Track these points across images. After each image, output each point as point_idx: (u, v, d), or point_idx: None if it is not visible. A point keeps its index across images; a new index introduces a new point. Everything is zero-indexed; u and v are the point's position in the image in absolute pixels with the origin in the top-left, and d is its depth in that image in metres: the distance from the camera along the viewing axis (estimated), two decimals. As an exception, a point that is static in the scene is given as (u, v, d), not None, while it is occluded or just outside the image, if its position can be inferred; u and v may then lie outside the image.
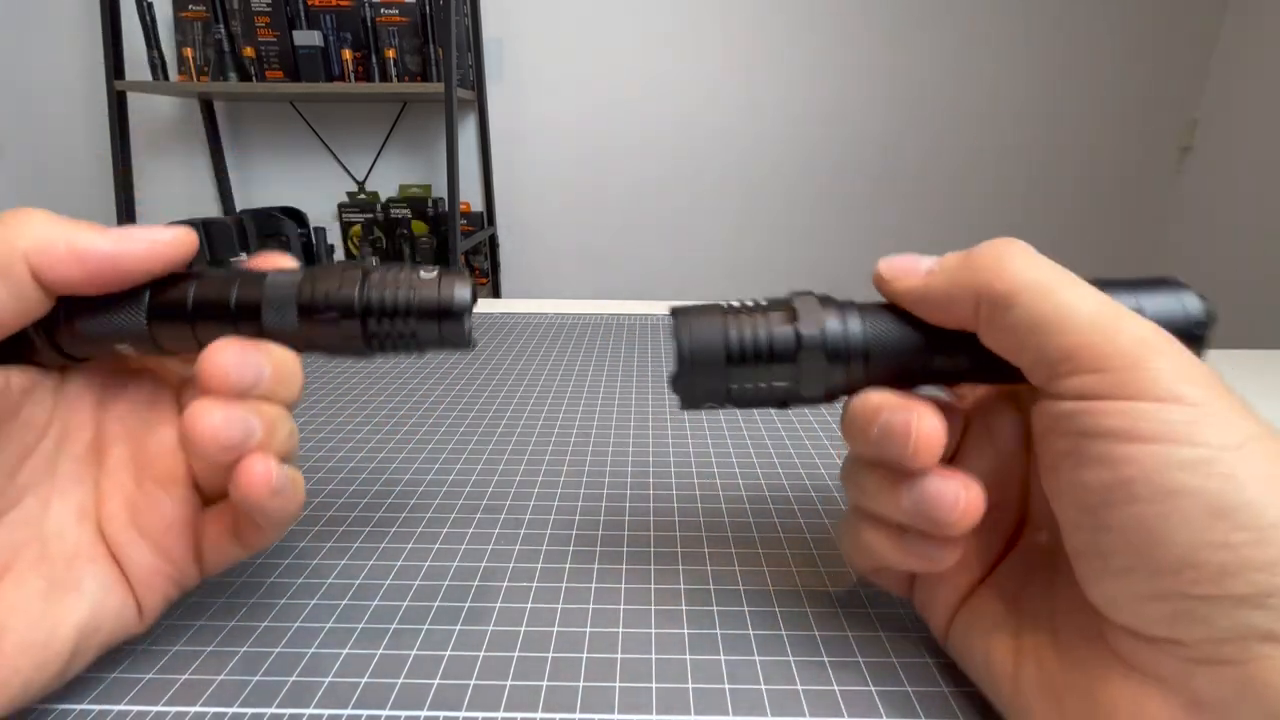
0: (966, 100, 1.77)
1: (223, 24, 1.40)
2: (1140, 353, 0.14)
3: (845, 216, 1.87)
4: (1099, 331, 0.15)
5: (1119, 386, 0.14)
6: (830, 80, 1.74)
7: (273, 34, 1.45)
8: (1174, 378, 0.14)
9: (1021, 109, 1.79)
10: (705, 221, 1.85)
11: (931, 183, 1.85)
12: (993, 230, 1.13)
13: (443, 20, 1.39)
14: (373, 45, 1.49)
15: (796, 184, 1.83)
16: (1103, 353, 0.15)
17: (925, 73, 1.75)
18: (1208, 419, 0.14)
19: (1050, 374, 0.15)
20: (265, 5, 1.43)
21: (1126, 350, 0.14)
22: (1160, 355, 0.14)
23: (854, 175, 1.83)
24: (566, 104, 1.74)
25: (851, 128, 1.79)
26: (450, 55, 1.36)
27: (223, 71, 1.42)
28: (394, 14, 1.47)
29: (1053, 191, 1.87)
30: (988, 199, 1.87)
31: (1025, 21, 1.71)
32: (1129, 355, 0.14)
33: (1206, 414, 0.14)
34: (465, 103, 1.64)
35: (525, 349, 0.48)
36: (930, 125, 1.79)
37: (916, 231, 1.88)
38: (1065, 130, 1.81)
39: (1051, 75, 1.76)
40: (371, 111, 1.70)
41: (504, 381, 0.41)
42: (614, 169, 1.80)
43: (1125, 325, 0.15)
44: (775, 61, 1.73)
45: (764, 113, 1.76)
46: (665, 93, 1.74)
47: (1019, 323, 0.15)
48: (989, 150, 1.82)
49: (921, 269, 0.17)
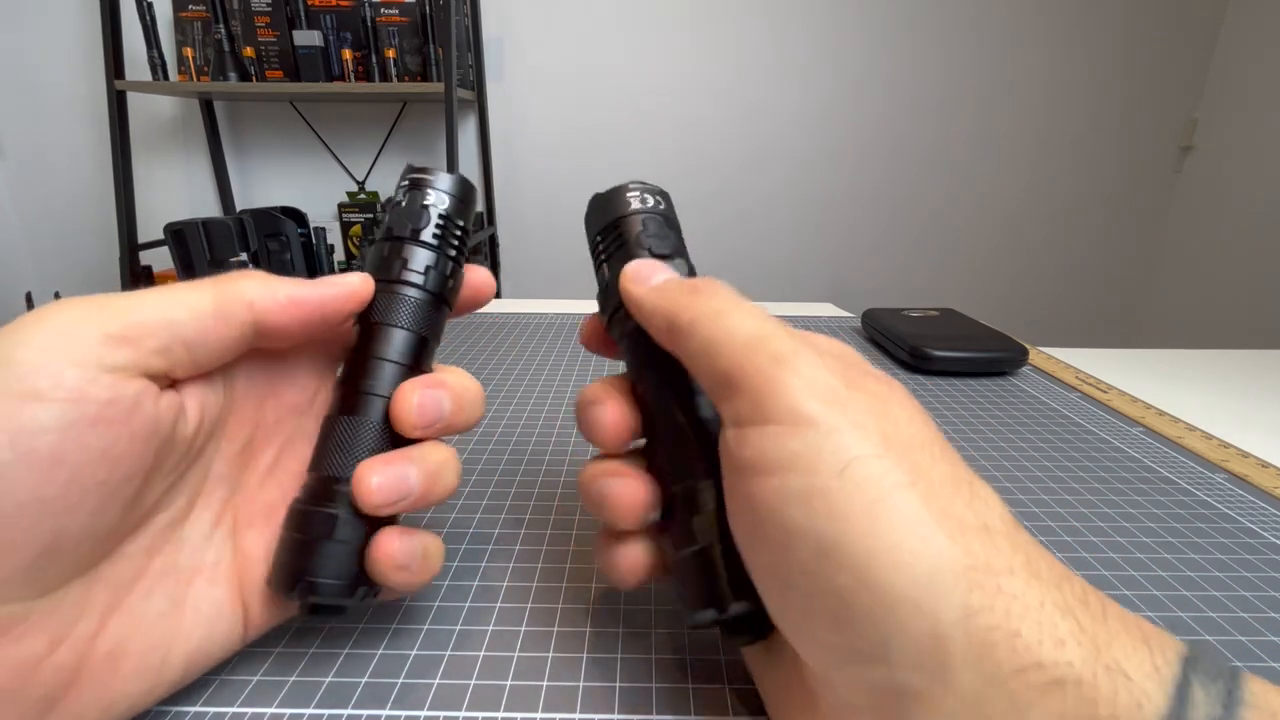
0: (965, 99, 1.77)
1: (223, 24, 1.40)
2: (773, 370, 0.14)
3: (847, 215, 1.86)
4: (748, 352, 0.14)
5: (756, 410, 0.14)
6: (832, 80, 1.74)
7: (273, 34, 1.45)
8: (802, 394, 0.13)
9: (1021, 109, 1.78)
10: (706, 221, 1.85)
11: (930, 182, 1.85)
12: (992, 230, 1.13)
13: (443, 20, 1.39)
14: (373, 45, 1.49)
15: (798, 183, 1.83)
16: (745, 373, 0.14)
17: (924, 72, 1.75)
18: (823, 441, 0.13)
19: (717, 400, 0.15)
20: (265, 5, 1.43)
21: (762, 367, 0.14)
22: (791, 370, 0.14)
23: (856, 174, 1.83)
24: (567, 104, 1.74)
25: (853, 127, 1.79)
26: (450, 55, 1.36)
27: (223, 71, 1.42)
28: (394, 14, 1.47)
29: (1053, 191, 1.86)
30: (987, 199, 1.86)
31: (1026, 21, 1.71)
32: (763, 373, 0.14)
33: (823, 435, 0.13)
34: (465, 103, 1.64)
35: (525, 349, 0.48)
36: (929, 124, 1.79)
37: (916, 230, 1.88)
38: (1065, 130, 1.81)
39: (1052, 75, 1.76)
40: (371, 111, 1.70)
41: (504, 381, 0.41)
42: (614, 169, 1.80)
43: (770, 343, 0.14)
44: (779, 61, 1.73)
45: (766, 112, 1.76)
46: (666, 92, 1.74)
47: (695, 349, 0.16)
48: (988, 150, 1.82)
49: (652, 280, 0.18)
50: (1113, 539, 0.26)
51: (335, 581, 0.17)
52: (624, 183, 0.21)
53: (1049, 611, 0.11)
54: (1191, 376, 0.46)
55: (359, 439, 0.18)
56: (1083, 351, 0.51)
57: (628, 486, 0.17)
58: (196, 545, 0.17)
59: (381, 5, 1.47)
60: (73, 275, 1.72)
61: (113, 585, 0.15)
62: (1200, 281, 1.81)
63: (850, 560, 0.12)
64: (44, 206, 1.70)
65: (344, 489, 0.17)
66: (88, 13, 1.53)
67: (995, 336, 0.47)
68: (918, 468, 0.13)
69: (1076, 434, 0.35)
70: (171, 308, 0.15)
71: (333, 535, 0.17)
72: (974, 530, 0.12)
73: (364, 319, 0.19)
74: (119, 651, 0.15)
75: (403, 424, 0.18)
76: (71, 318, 0.14)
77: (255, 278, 0.17)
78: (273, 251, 1.44)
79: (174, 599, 0.17)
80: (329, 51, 1.47)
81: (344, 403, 0.19)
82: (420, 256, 0.20)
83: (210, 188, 1.72)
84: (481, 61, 1.65)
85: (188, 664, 0.17)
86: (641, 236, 0.20)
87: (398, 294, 0.19)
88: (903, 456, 0.13)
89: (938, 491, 0.12)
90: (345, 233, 1.67)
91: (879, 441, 0.13)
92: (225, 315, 0.16)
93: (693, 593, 0.16)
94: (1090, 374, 0.45)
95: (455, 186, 0.21)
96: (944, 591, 0.11)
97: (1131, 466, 0.32)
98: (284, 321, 0.17)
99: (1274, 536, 0.26)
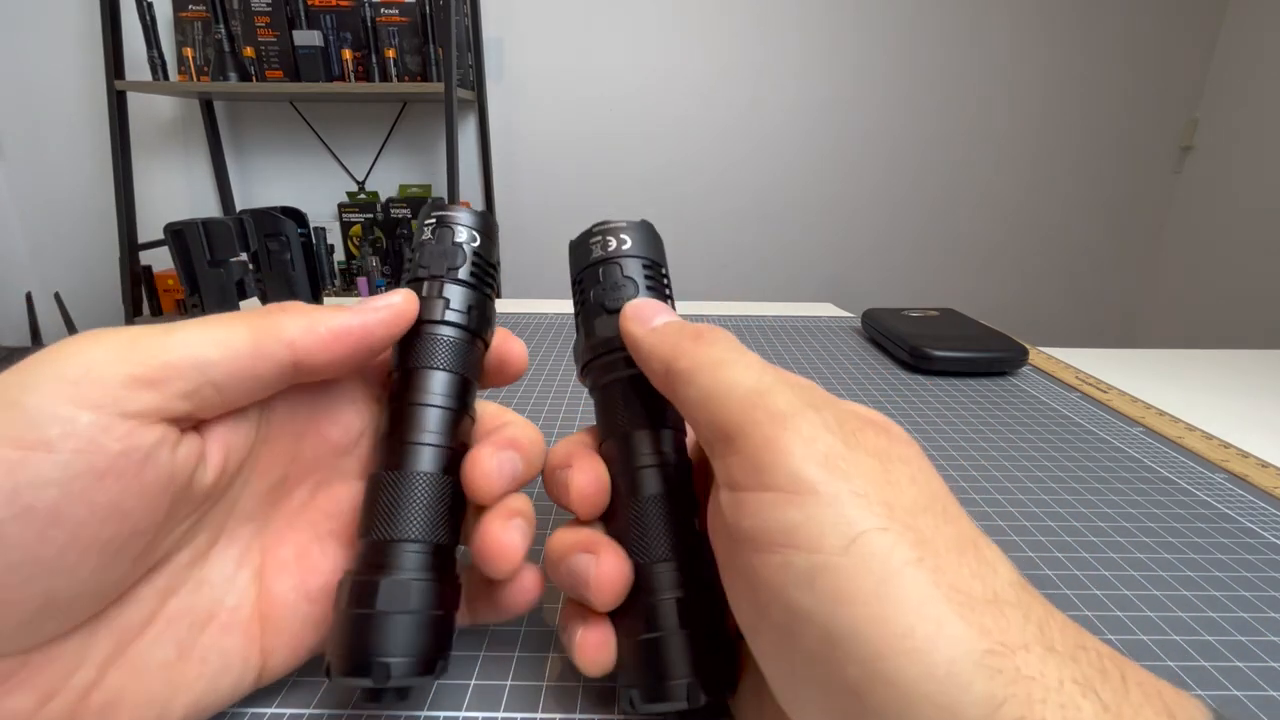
0: (966, 99, 1.77)
1: (223, 24, 1.40)
2: (771, 430, 0.13)
3: (847, 215, 1.86)
4: (746, 408, 0.14)
5: (754, 473, 0.13)
6: (831, 79, 1.74)
7: (273, 34, 1.45)
8: (802, 457, 0.13)
9: (1021, 109, 1.79)
10: (705, 221, 1.85)
11: (930, 182, 1.85)
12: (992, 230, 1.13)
13: (443, 20, 1.39)
14: (373, 45, 1.49)
15: (797, 182, 1.83)
16: (743, 430, 0.14)
17: (924, 71, 1.74)
18: (825, 513, 0.12)
19: (712, 454, 0.15)
20: (265, 5, 1.43)
21: (761, 425, 0.13)
22: (791, 431, 0.13)
23: (856, 174, 1.83)
24: (567, 104, 1.74)
25: (853, 127, 1.79)
26: (450, 55, 1.36)
27: (223, 71, 1.42)
28: (394, 14, 1.47)
29: (1053, 191, 1.86)
30: (987, 199, 1.86)
31: (1026, 21, 1.71)
32: (762, 432, 0.13)
33: (825, 506, 0.12)
34: (465, 103, 1.64)
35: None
36: (930, 124, 1.79)
37: (916, 230, 1.88)
38: (1066, 130, 1.81)
39: (1052, 75, 1.76)
40: (371, 111, 1.70)
41: (504, 381, 0.41)
42: (614, 169, 1.80)
43: (769, 398, 0.14)
44: (779, 61, 1.73)
45: (765, 111, 1.76)
46: (666, 92, 1.74)
47: (693, 397, 0.15)
48: (988, 150, 1.82)
49: (653, 322, 0.18)
50: (1113, 539, 0.26)
51: (410, 658, 0.15)
52: (590, 227, 0.21)
53: (1069, 692, 0.10)
54: (1191, 376, 0.46)
55: (417, 495, 0.17)
56: (1083, 351, 0.51)
57: (609, 566, 0.16)
58: (217, 587, 0.16)
59: (381, 5, 1.47)
60: (73, 275, 1.72)
61: (118, 632, 0.14)
62: (1200, 281, 1.81)
63: (861, 650, 0.11)
64: (44, 206, 1.70)
65: (411, 550, 0.16)
66: (88, 13, 1.53)
67: (995, 336, 0.47)
68: (923, 537, 0.12)
69: (1076, 434, 0.35)
70: (204, 345, 0.15)
71: (406, 605, 0.15)
72: (984, 604, 0.11)
73: (404, 364, 0.18)
74: (114, 703, 0.14)
75: (480, 494, 0.17)
76: (95, 357, 0.13)
77: (295, 311, 0.16)
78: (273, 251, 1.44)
79: (182, 647, 0.15)
80: (329, 51, 1.47)
81: (394, 457, 0.17)
82: (461, 296, 0.19)
83: (210, 188, 1.72)
84: (481, 61, 1.65)
85: (186, 714, 0.16)
86: (599, 290, 0.19)
87: (440, 336, 0.18)
88: (908, 526, 0.12)
89: (945, 563, 0.12)
90: (345, 233, 1.67)
91: (883, 511, 0.12)
92: (263, 354, 0.15)
93: (646, 680, 0.16)
94: (1090, 374, 0.45)
95: (482, 223, 0.20)
96: (964, 684, 0.10)
97: (1131, 466, 0.32)
98: (327, 359, 0.16)
99: (1274, 536, 0.26)
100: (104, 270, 1.68)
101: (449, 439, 0.18)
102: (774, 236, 1.87)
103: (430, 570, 0.16)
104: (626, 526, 0.17)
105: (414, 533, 0.16)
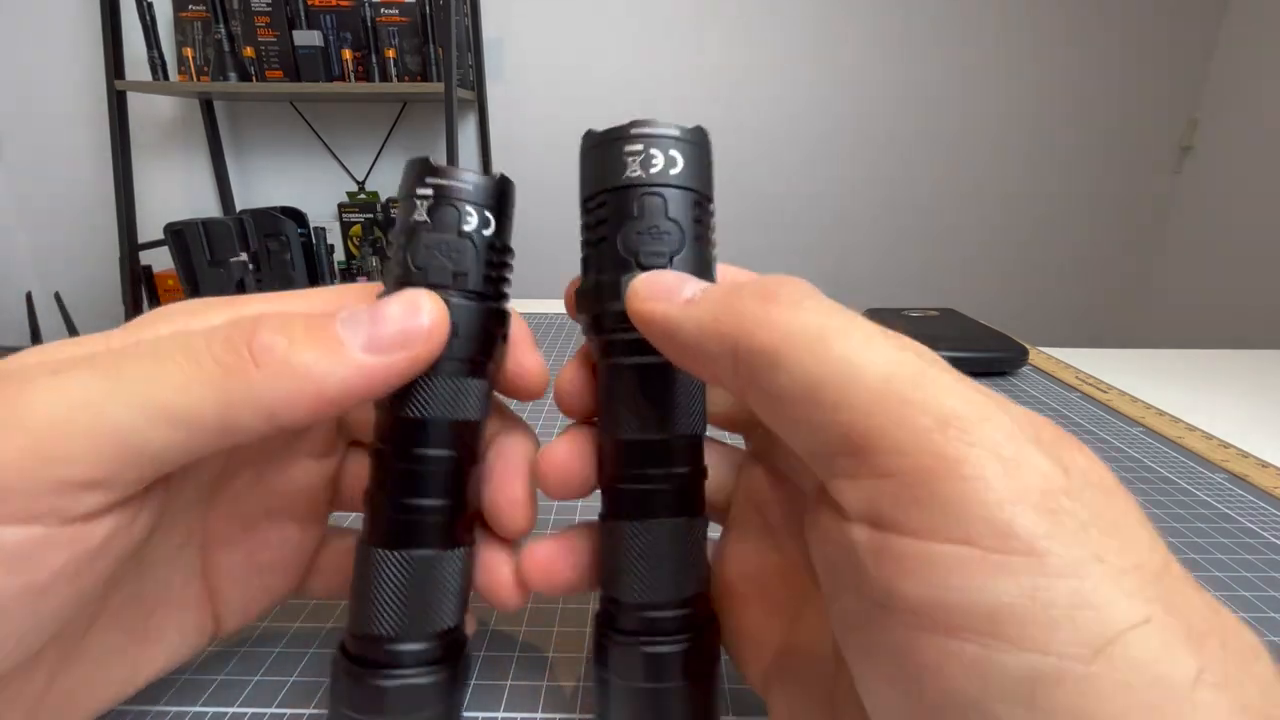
0: (965, 100, 1.77)
1: (223, 24, 1.40)
2: (945, 446, 0.09)
3: (847, 214, 1.86)
4: (891, 406, 0.09)
5: (916, 508, 0.09)
6: (832, 80, 1.74)
7: (273, 34, 1.45)
8: (1008, 495, 0.08)
9: (1021, 109, 1.78)
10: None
11: (930, 182, 1.85)
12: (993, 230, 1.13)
13: (443, 20, 1.39)
14: (373, 45, 1.49)
15: (799, 182, 1.83)
16: (893, 442, 0.09)
17: (924, 71, 1.74)
18: (1056, 590, 0.08)
19: (828, 470, 0.11)
20: (265, 5, 1.43)
21: (925, 439, 0.09)
22: (982, 449, 0.09)
23: (856, 174, 1.83)
24: (567, 104, 1.74)
25: (853, 127, 1.79)
26: (450, 55, 1.36)
27: (223, 71, 1.42)
28: (394, 14, 1.47)
29: (1053, 191, 1.86)
30: (987, 199, 1.86)
31: (1026, 21, 1.71)
32: (930, 449, 0.09)
33: (1055, 577, 0.08)
34: (465, 103, 1.64)
35: (525, 349, 0.47)
36: (929, 124, 1.79)
37: (916, 230, 1.88)
38: (1066, 130, 1.81)
39: (1052, 76, 1.76)
40: (371, 111, 1.70)
41: (504, 381, 0.41)
42: (614, 169, 1.80)
43: (929, 395, 0.09)
44: (778, 60, 1.73)
45: (766, 111, 1.76)
46: (665, 91, 1.74)
47: (786, 390, 0.10)
48: (988, 150, 1.82)
49: (682, 294, 0.13)
50: (1113, 539, 0.26)
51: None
52: (623, 125, 0.14)
53: None
54: (1191, 376, 0.46)
55: (435, 581, 0.14)
56: (1083, 351, 0.51)
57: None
58: (160, 570, 0.15)
59: (381, 5, 1.47)
60: (73, 275, 1.72)
61: (62, 640, 0.13)
62: (1200, 281, 1.81)
63: None
64: (44, 206, 1.70)
65: (424, 648, 0.14)
66: (88, 13, 1.53)
67: (995, 336, 0.47)
68: (1193, 629, 0.08)
69: (1077, 434, 0.35)
70: (158, 426, 0.11)
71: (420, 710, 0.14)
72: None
73: (394, 409, 0.14)
74: (73, 695, 0.14)
75: (510, 531, 0.16)
76: (12, 459, 0.10)
77: (276, 362, 0.12)
78: (273, 251, 1.44)
79: (133, 633, 0.15)
80: (329, 51, 1.47)
81: (396, 531, 0.14)
82: (472, 319, 0.14)
83: (210, 188, 1.72)
84: (481, 61, 1.65)
85: (149, 680, 0.16)
86: (631, 231, 0.14)
87: (444, 382, 0.13)
88: (1169, 608, 0.08)
89: (1232, 674, 0.08)
90: (345, 233, 1.67)
91: (1136, 588, 0.08)
92: (232, 430, 0.12)
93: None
94: (1090, 374, 0.45)
95: (497, 196, 0.15)
96: None
97: (1131, 466, 0.32)
98: (314, 421, 0.13)
99: (1274, 536, 0.26)
100: (104, 270, 1.68)
101: (457, 500, 0.14)
102: (774, 237, 1.87)
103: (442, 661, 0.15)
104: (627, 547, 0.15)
105: (448, 623, 0.14)
